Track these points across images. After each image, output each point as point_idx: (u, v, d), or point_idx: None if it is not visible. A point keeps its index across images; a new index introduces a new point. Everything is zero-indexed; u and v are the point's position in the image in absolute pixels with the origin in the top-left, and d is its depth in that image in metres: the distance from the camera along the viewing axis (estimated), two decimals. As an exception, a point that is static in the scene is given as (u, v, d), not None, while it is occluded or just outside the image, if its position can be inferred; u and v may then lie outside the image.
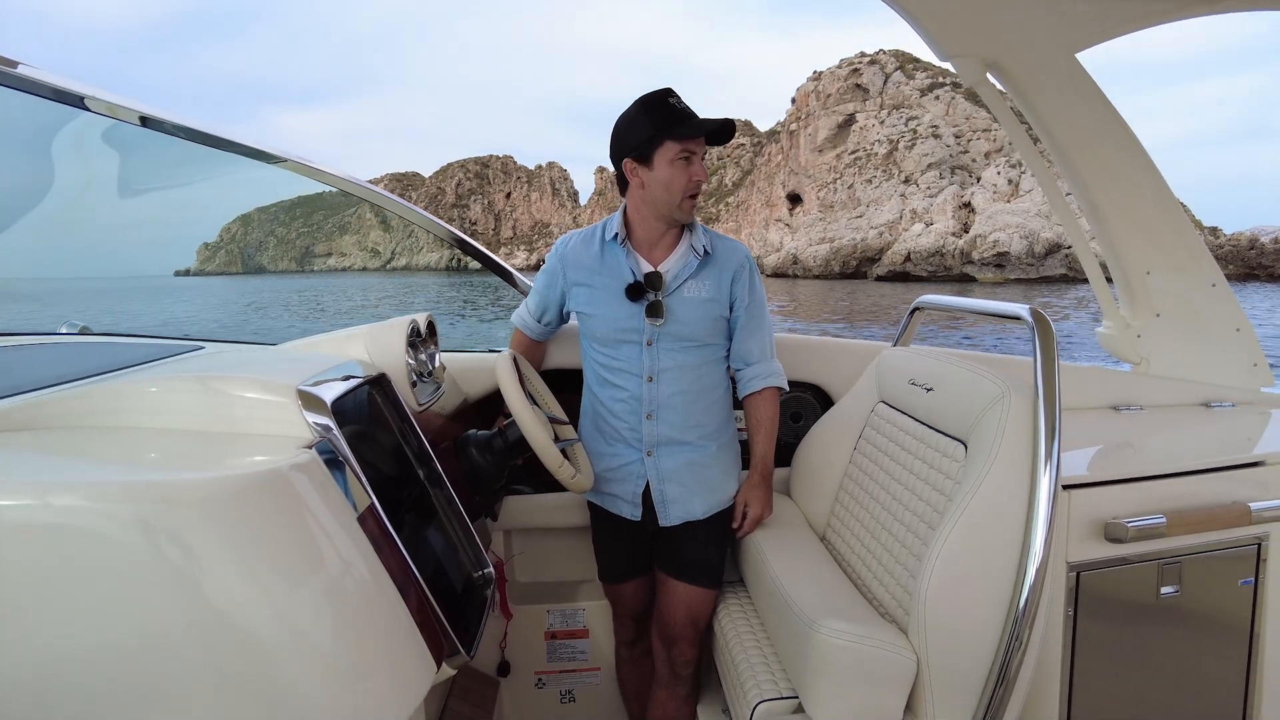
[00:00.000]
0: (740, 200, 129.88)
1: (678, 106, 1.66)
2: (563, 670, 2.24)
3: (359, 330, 1.70)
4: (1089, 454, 1.72)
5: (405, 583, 1.11)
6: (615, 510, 1.89)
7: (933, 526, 1.49)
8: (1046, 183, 2.07)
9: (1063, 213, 2.10)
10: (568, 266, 1.86)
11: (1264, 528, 1.59)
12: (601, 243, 1.82)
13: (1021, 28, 1.84)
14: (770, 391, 1.85)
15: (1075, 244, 2.14)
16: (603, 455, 1.87)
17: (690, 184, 1.69)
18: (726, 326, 1.83)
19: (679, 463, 1.81)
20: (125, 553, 0.85)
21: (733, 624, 1.77)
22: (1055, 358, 1.44)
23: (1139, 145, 1.99)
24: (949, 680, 1.37)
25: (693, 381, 1.79)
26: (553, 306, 1.94)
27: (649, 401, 1.79)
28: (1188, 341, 2.16)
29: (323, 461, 1.06)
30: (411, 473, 1.42)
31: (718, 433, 1.85)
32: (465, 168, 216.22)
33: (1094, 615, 1.54)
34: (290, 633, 0.90)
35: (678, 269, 1.78)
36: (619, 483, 1.85)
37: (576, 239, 1.89)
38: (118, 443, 1.10)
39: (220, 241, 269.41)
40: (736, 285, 1.80)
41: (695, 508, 1.83)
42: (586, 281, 1.82)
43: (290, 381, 1.18)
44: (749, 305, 1.82)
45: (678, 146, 1.66)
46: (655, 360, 1.77)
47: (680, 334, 1.77)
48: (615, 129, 1.73)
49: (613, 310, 1.78)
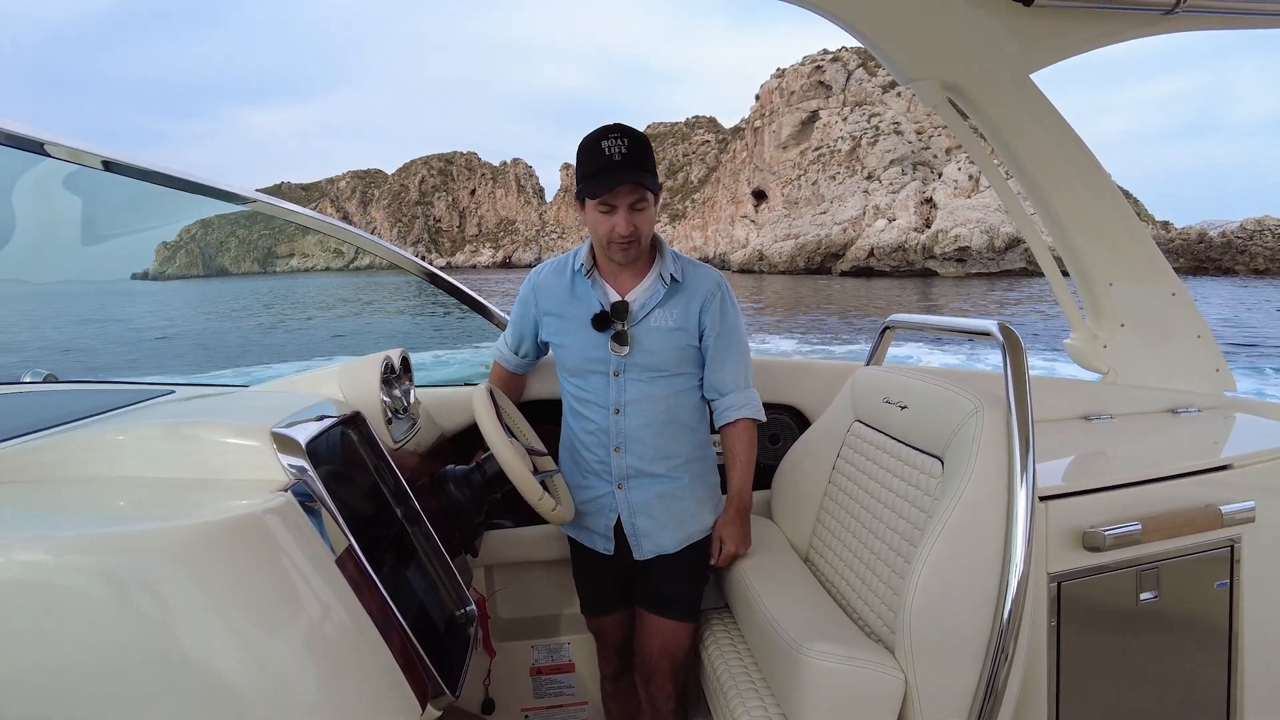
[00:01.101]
0: (706, 197, 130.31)
1: (605, 153, 1.60)
2: (549, 706, 2.21)
3: (332, 369, 1.67)
4: (1063, 464, 1.74)
5: (386, 624, 1.09)
6: (590, 544, 1.87)
7: (913, 543, 1.50)
8: (1008, 199, 2.12)
9: (1023, 223, 2.14)
10: (539, 296, 1.84)
11: (1235, 530, 1.62)
12: (572, 272, 1.79)
13: (977, 52, 1.88)
14: (744, 423, 1.80)
15: (1036, 251, 2.19)
16: (578, 487, 1.85)
17: (612, 234, 1.65)
18: (698, 355, 1.79)
19: (650, 495, 1.79)
20: (93, 606, 0.83)
21: (719, 650, 1.76)
22: (1026, 372, 1.45)
23: (1095, 160, 2.05)
24: (937, 697, 1.37)
25: (661, 413, 1.76)
26: (528, 338, 1.91)
27: (616, 434, 1.76)
28: (1152, 350, 2.21)
29: (298, 504, 1.05)
30: (389, 511, 1.41)
31: (690, 463, 1.82)
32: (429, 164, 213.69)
33: (1076, 624, 1.55)
34: (269, 681, 0.88)
35: (645, 298, 1.75)
36: (592, 516, 1.83)
37: (549, 268, 1.87)
38: (87, 493, 1.08)
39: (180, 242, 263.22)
40: (705, 314, 1.76)
41: (667, 541, 1.80)
42: (557, 311, 1.80)
43: (263, 424, 1.16)
44: (720, 334, 1.77)
45: (596, 200, 1.64)
46: (622, 392, 1.74)
47: (647, 364, 1.74)
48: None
49: (580, 340, 1.75)
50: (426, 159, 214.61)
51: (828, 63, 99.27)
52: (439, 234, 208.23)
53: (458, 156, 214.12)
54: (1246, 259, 61.36)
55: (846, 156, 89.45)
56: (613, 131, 1.62)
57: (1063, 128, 2.01)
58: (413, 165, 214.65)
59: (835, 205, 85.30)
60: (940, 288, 51.15)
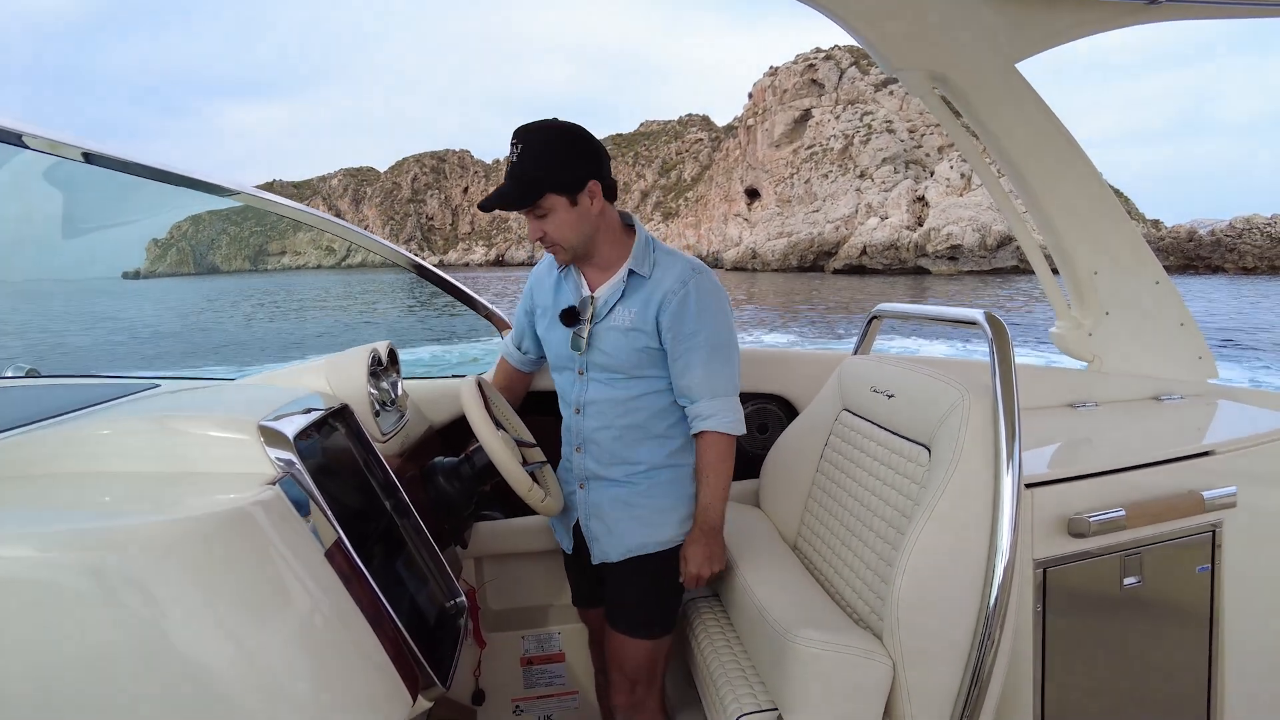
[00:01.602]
0: (699, 195, 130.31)
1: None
2: (540, 696, 2.22)
3: (318, 362, 1.67)
4: (1049, 452, 1.75)
5: (376, 616, 1.09)
6: (558, 538, 1.88)
7: (901, 531, 1.50)
8: (995, 189, 2.13)
9: (1013, 218, 2.16)
10: (534, 291, 1.83)
11: (1217, 515, 1.64)
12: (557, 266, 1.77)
13: (963, 41, 1.89)
14: (712, 436, 1.65)
15: (1025, 247, 2.21)
16: (561, 481, 1.85)
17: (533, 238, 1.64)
18: (663, 357, 1.67)
19: (604, 499, 1.75)
20: (80, 603, 0.82)
21: (709, 638, 1.77)
22: (1012, 360, 1.46)
23: (1080, 150, 2.06)
24: (924, 683, 1.38)
25: (618, 416, 1.69)
26: (528, 333, 1.89)
27: (577, 434, 1.75)
28: (1136, 338, 2.23)
29: (286, 497, 1.04)
30: (378, 504, 1.40)
31: (654, 471, 1.72)
32: (421, 162, 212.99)
33: (1061, 610, 1.56)
34: (259, 675, 0.88)
35: (608, 294, 1.68)
36: (565, 512, 1.82)
37: (544, 263, 1.83)
38: (71, 489, 1.07)
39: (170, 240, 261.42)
40: (662, 313, 1.63)
41: (612, 549, 1.74)
42: (543, 305, 1.79)
43: (250, 417, 1.16)
44: (679, 335, 1.63)
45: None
46: (584, 392, 1.72)
47: (605, 365, 1.67)
48: None
49: (556, 336, 1.73)
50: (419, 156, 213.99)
51: (820, 61, 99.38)
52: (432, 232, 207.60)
53: (450, 154, 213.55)
54: (1235, 257, 61.73)
55: (839, 155, 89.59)
56: (513, 138, 1.56)
57: (1049, 117, 2.02)
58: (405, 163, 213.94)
59: (828, 203, 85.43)
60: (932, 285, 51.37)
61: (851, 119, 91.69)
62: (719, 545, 1.70)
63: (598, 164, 1.61)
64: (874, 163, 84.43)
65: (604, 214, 1.65)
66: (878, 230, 74.59)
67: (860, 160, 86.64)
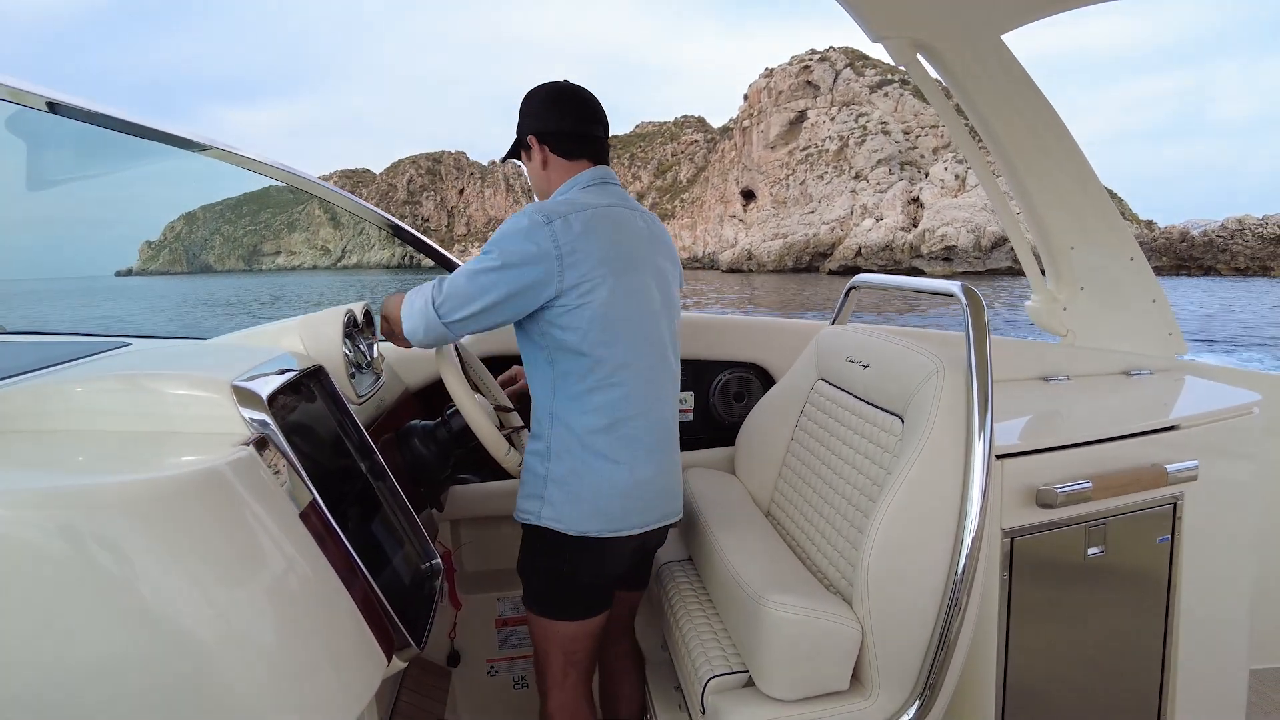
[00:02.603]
0: (695, 196, 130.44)
1: None
2: (515, 657, 2.24)
3: (293, 322, 1.64)
4: (1020, 424, 1.78)
5: (351, 578, 1.09)
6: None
7: (873, 499, 1.52)
8: (976, 162, 2.13)
9: (991, 190, 2.17)
10: None
11: (1179, 488, 1.67)
12: None
13: (948, 10, 1.88)
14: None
15: (1005, 222, 2.22)
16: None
17: None
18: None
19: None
20: (52, 562, 0.82)
21: (682, 601, 1.78)
22: (987, 332, 1.47)
23: (1062, 124, 2.07)
24: (892, 647, 1.41)
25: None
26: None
27: None
28: (1109, 313, 2.26)
29: (261, 458, 1.04)
30: (353, 466, 1.39)
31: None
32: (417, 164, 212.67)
33: (1027, 578, 1.59)
34: (232, 635, 0.88)
35: None
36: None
37: None
38: (42, 447, 1.06)
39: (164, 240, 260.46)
40: None
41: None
42: None
43: (224, 377, 1.14)
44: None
45: None
46: None
47: None
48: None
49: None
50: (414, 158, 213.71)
51: (815, 63, 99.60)
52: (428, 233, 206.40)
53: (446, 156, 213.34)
54: (1228, 257, 62.07)
55: (834, 156, 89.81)
56: None
57: (1033, 92, 2.02)
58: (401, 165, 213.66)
59: (823, 205, 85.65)
60: (927, 287, 51.25)
61: (846, 120, 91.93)
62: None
63: (537, 119, 1.59)
64: (869, 164, 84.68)
65: (548, 169, 1.61)
66: (873, 231, 74.82)
67: (855, 161, 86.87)
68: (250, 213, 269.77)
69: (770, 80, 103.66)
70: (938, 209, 70.88)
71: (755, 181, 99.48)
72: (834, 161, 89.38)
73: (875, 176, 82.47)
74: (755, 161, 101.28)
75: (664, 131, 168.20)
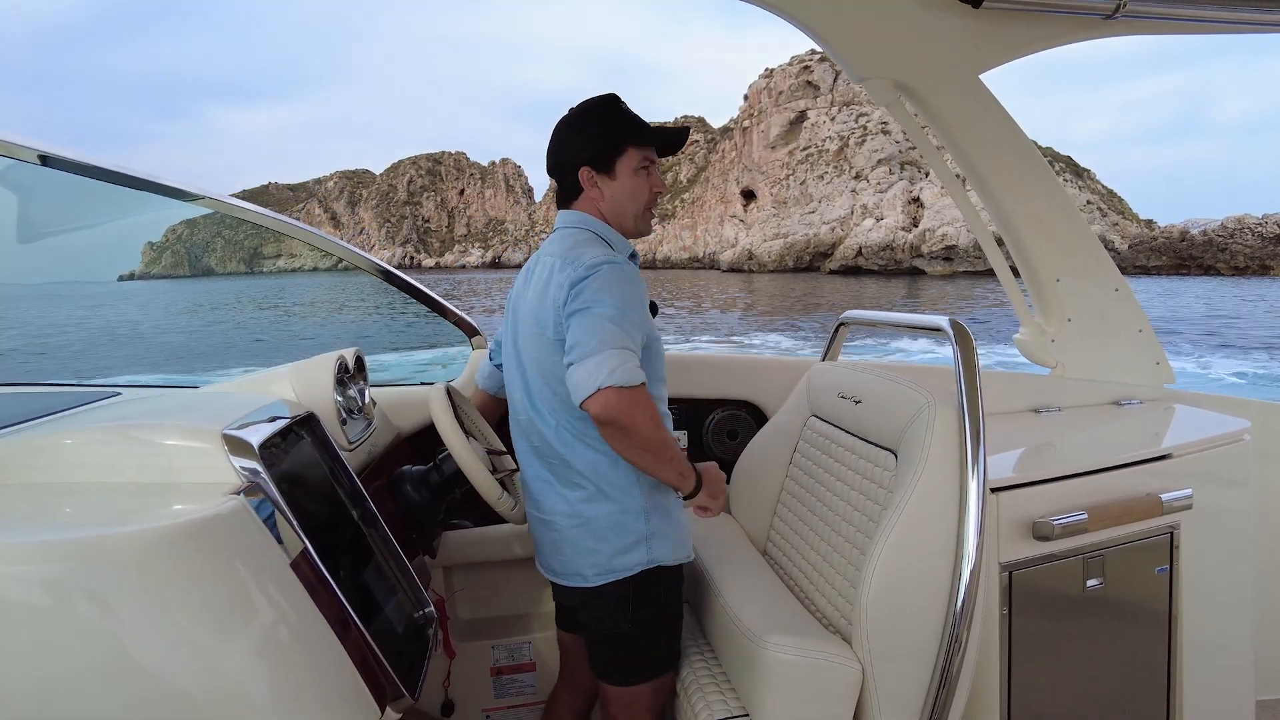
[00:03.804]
0: (695, 197, 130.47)
1: (632, 112, 1.54)
2: (510, 705, 2.21)
3: (284, 369, 1.65)
4: (1014, 456, 1.78)
5: (344, 627, 1.08)
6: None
7: (869, 536, 1.52)
8: (960, 198, 2.16)
9: (978, 228, 2.19)
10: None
11: (1174, 517, 1.68)
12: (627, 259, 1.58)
13: (927, 51, 1.92)
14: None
15: (990, 257, 2.25)
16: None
17: (651, 195, 1.55)
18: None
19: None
20: (39, 617, 0.80)
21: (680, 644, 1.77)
22: (976, 366, 1.47)
23: (1041, 159, 2.10)
24: (893, 686, 1.39)
25: None
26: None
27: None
28: (1098, 345, 2.27)
29: (251, 508, 1.03)
30: (345, 514, 1.38)
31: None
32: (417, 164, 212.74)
33: (1027, 612, 1.59)
34: (223, 689, 0.87)
35: None
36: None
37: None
38: (30, 499, 1.05)
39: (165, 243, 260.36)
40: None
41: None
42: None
43: (214, 426, 1.14)
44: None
45: (640, 154, 1.53)
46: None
47: None
48: (565, 136, 1.56)
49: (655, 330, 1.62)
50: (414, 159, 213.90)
51: (815, 63, 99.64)
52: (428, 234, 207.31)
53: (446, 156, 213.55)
54: (1227, 257, 62.06)
55: (834, 156, 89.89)
56: (621, 100, 1.55)
57: (1011, 127, 2.05)
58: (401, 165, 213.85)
59: (823, 205, 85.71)
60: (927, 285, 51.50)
61: (847, 120, 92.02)
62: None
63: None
64: (869, 164, 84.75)
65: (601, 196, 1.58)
66: (873, 231, 74.85)
67: (855, 161, 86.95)
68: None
69: (770, 80, 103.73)
70: (938, 209, 70.90)
71: (756, 181, 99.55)
72: (834, 161, 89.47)
73: (875, 176, 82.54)
74: (755, 161, 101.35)
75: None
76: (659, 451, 1.38)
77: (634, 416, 1.32)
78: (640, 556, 1.49)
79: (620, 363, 1.31)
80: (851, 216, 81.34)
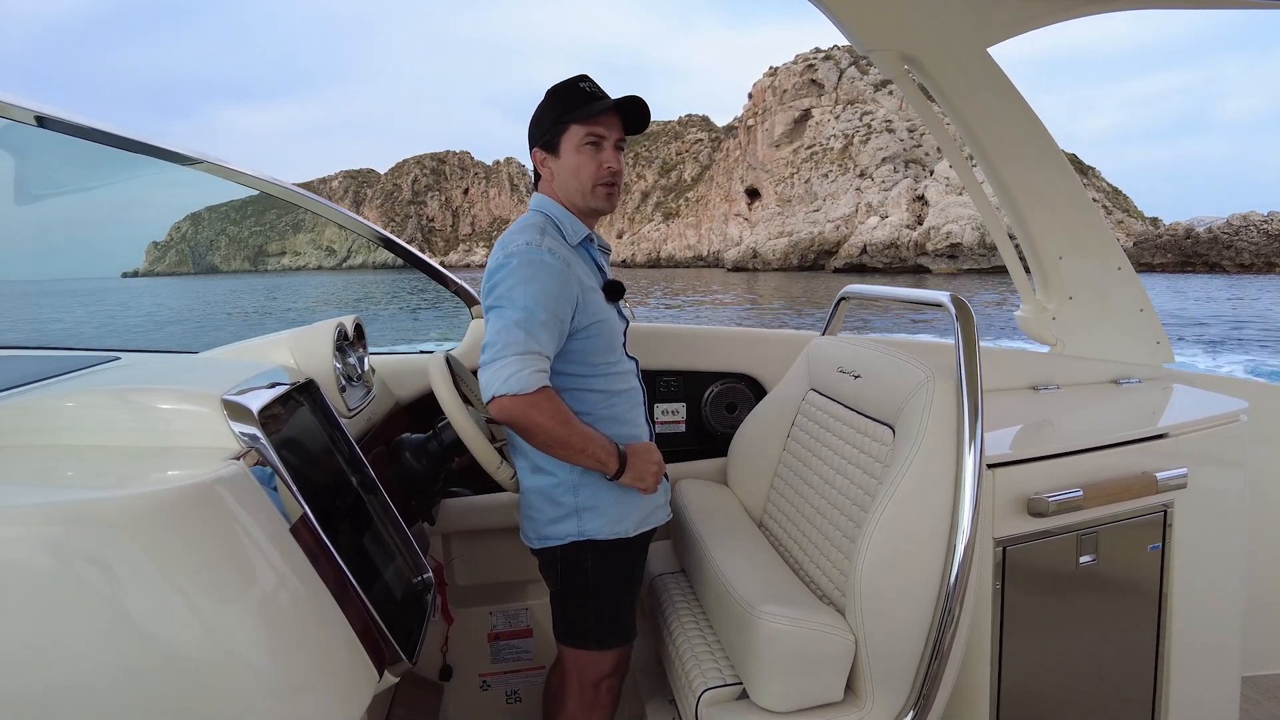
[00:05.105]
0: (699, 195, 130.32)
1: (587, 89, 1.49)
2: (507, 671, 2.23)
3: (283, 335, 1.65)
4: (1011, 433, 1.79)
5: (342, 593, 1.09)
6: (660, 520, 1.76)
7: (865, 509, 1.53)
8: (964, 173, 2.15)
9: (981, 205, 2.19)
10: (579, 273, 1.64)
11: (1169, 495, 1.69)
12: (582, 241, 1.59)
13: (935, 23, 1.91)
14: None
15: (993, 233, 2.24)
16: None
17: (600, 171, 1.49)
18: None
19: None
20: (39, 578, 0.82)
21: (675, 613, 1.79)
22: (976, 342, 1.47)
23: (1048, 135, 2.09)
24: (886, 658, 1.40)
25: None
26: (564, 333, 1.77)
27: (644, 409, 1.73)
28: (1098, 323, 2.27)
29: (251, 473, 1.03)
30: (344, 480, 1.39)
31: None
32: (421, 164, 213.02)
33: (1019, 587, 1.60)
34: (223, 652, 0.88)
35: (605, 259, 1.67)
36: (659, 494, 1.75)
37: (551, 242, 1.57)
38: (31, 462, 1.05)
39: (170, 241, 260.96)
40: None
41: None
42: (593, 285, 1.59)
43: (214, 391, 1.13)
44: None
45: (583, 130, 1.48)
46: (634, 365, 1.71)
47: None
48: (530, 124, 1.56)
49: (610, 312, 1.60)
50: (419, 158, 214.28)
51: (820, 61, 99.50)
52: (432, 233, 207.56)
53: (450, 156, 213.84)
54: (1232, 254, 61.77)
55: (839, 154, 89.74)
56: (584, 79, 1.52)
57: (1018, 103, 2.04)
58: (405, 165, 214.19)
59: (828, 203, 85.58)
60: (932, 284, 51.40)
61: (851, 119, 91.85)
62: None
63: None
64: (874, 162, 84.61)
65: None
66: (878, 229, 74.73)
67: (860, 160, 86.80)
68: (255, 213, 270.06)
69: (774, 79, 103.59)
70: (942, 206, 70.76)
71: (760, 180, 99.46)
72: (838, 160, 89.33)
73: (880, 174, 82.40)
74: (760, 160, 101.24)
75: (668, 130, 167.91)
76: (567, 445, 1.41)
77: (530, 419, 1.36)
78: (570, 528, 1.54)
79: (517, 369, 1.33)
80: (856, 215, 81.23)
